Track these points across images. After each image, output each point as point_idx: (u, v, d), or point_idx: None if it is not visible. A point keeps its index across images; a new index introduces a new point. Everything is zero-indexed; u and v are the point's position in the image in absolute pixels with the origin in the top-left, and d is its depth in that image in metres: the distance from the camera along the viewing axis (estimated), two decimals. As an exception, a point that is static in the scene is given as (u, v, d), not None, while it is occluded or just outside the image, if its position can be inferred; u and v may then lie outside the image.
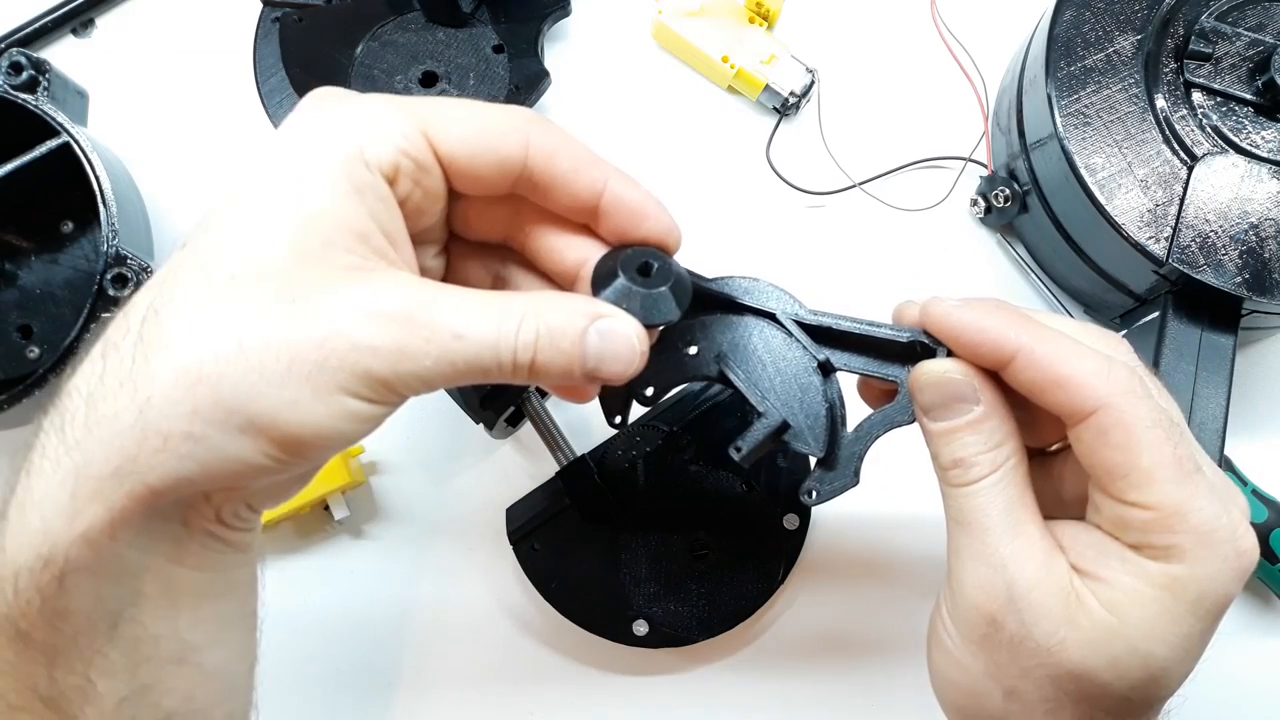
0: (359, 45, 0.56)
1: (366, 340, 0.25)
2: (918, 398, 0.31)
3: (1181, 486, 0.28)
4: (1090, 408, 0.28)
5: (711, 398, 0.47)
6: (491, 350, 0.26)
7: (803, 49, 0.57)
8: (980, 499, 0.30)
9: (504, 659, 0.50)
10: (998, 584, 0.29)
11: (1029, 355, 0.29)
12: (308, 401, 0.24)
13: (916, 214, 0.56)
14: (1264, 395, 0.54)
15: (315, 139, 0.26)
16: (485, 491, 0.51)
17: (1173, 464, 0.28)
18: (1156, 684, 0.28)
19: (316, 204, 0.25)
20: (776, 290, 0.33)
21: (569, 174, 0.29)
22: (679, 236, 0.31)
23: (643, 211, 0.30)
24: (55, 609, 0.26)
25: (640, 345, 0.28)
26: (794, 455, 0.48)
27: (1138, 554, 0.28)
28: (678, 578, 0.47)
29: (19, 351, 0.51)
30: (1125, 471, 0.28)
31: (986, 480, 0.30)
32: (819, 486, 0.33)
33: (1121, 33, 0.49)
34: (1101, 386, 0.28)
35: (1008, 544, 0.29)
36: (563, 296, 0.28)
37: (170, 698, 0.28)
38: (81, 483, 0.25)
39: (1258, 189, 0.46)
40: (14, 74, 0.48)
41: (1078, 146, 0.47)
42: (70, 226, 0.53)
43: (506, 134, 0.28)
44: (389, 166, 0.27)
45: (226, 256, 0.25)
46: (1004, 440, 0.30)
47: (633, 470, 0.47)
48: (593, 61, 0.59)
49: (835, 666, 0.50)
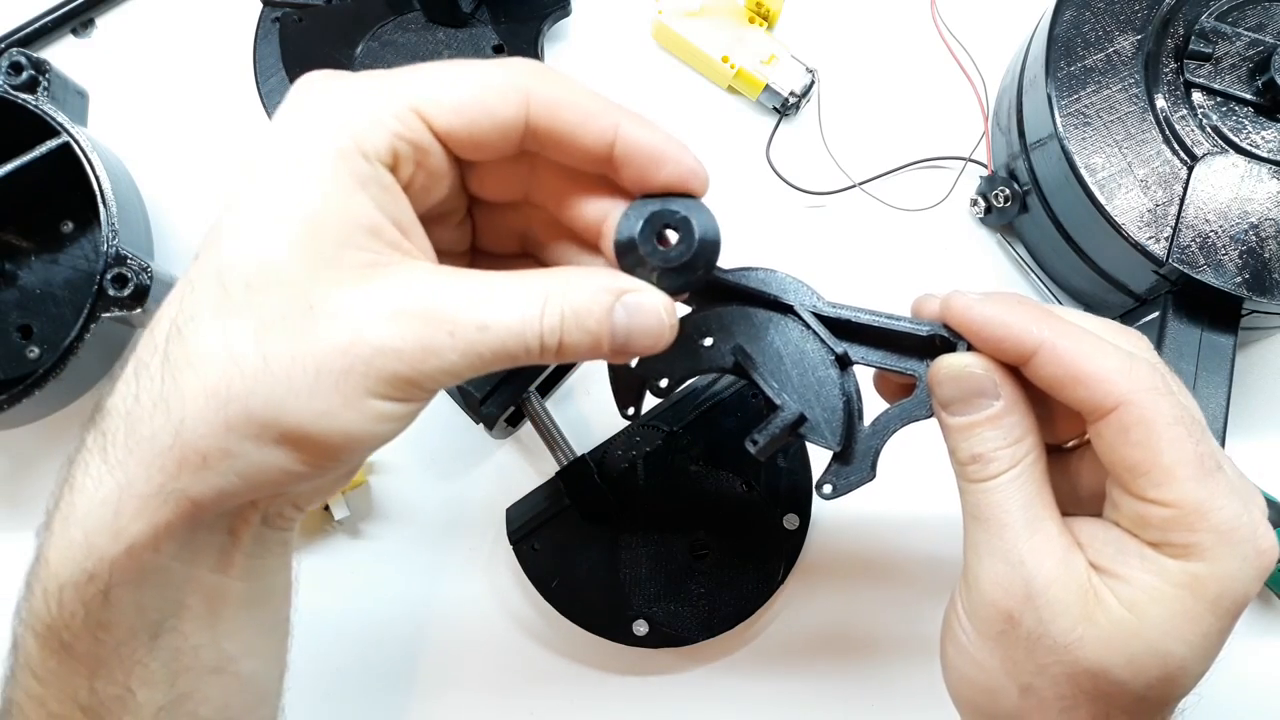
0: (359, 45, 0.56)
1: (389, 342, 0.24)
2: (937, 392, 0.31)
3: (1203, 484, 0.28)
4: (1112, 404, 0.28)
5: (712, 397, 0.47)
6: (518, 338, 0.25)
7: (803, 49, 0.57)
8: (998, 495, 0.30)
9: (504, 659, 0.50)
10: (1015, 580, 0.29)
11: (1051, 350, 0.29)
12: (338, 410, 0.24)
13: (916, 214, 0.56)
14: (1264, 395, 0.54)
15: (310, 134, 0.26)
16: (485, 491, 0.51)
17: (1194, 462, 0.28)
18: (1173, 682, 0.28)
19: (323, 204, 0.25)
20: (795, 281, 0.33)
21: (576, 126, 0.27)
22: (705, 177, 0.29)
23: (661, 157, 0.28)
24: (99, 621, 0.26)
25: (669, 318, 0.28)
26: (794, 456, 0.48)
27: (1157, 552, 0.28)
28: (678, 578, 0.47)
29: (19, 351, 0.51)
30: (1146, 468, 0.28)
31: (1005, 476, 0.30)
32: (835, 481, 0.33)
33: (1121, 33, 0.49)
34: (1124, 382, 0.28)
35: (1026, 540, 0.29)
36: (586, 273, 0.27)
37: (206, 707, 0.29)
38: (125, 500, 0.25)
39: (1258, 189, 0.46)
40: (14, 74, 0.48)
41: (1078, 146, 0.47)
42: (70, 226, 0.53)
43: (505, 94, 0.27)
44: (386, 154, 0.26)
45: (240, 266, 0.25)
46: (1024, 436, 0.30)
47: (633, 470, 0.47)
48: (593, 61, 0.59)
49: (835, 666, 0.50)
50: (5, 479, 0.52)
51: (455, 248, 0.32)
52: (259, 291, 0.24)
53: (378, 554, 0.51)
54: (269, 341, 0.24)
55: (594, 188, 0.29)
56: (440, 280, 0.26)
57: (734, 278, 0.33)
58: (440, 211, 0.30)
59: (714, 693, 0.50)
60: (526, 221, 0.32)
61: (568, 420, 0.49)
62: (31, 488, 0.52)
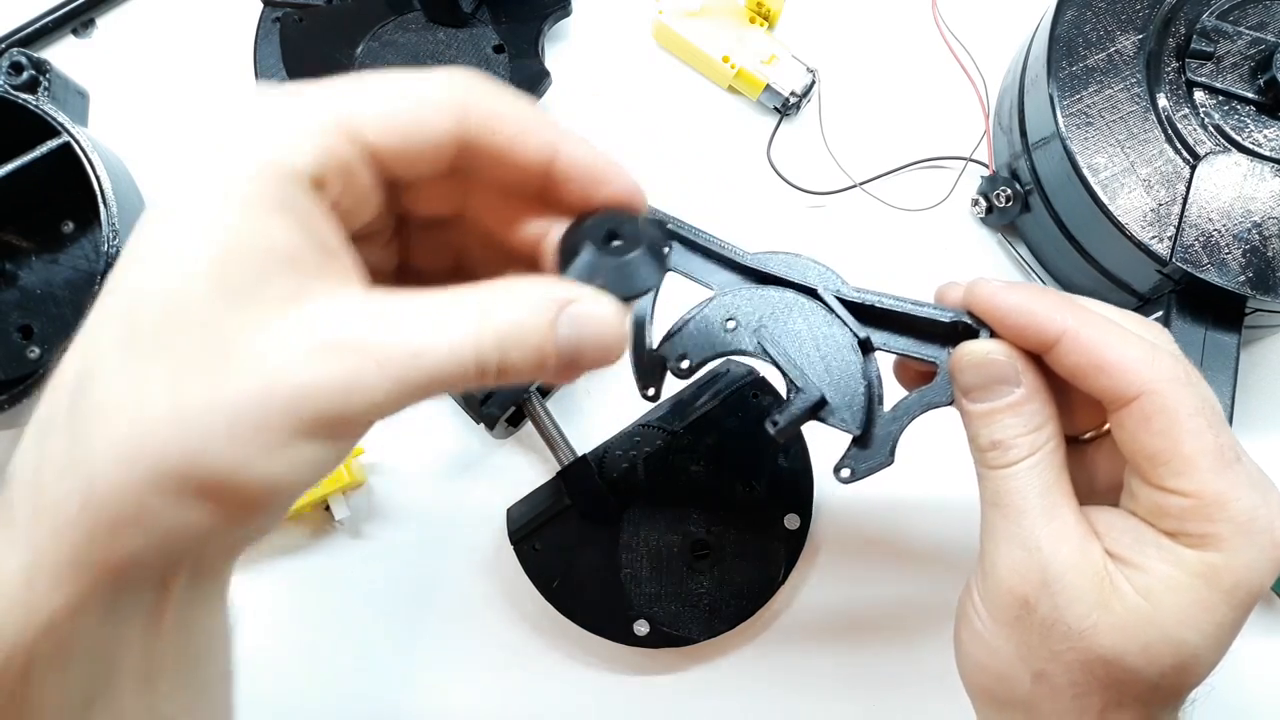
0: (359, 45, 0.56)
1: (311, 381, 0.22)
2: (958, 378, 0.31)
3: (1222, 475, 0.28)
4: (1134, 392, 0.28)
5: (713, 397, 0.47)
6: (454, 362, 0.23)
7: (803, 49, 0.57)
8: (1017, 481, 0.30)
9: (504, 659, 0.50)
10: (1031, 566, 0.29)
11: (1074, 338, 0.29)
12: (258, 460, 0.22)
13: (917, 214, 0.56)
14: (1268, 393, 0.54)
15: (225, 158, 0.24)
16: (485, 491, 0.51)
17: (1214, 452, 0.28)
18: (1186, 671, 0.28)
19: (238, 232, 0.23)
20: (818, 266, 0.33)
21: (512, 143, 0.26)
22: (643, 198, 0.28)
23: (600, 176, 0.27)
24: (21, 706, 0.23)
25: (620, 325, 0.25)
26: (795, 456, 0.48)
27: (1174, 541, 0.28)
28: (678, 578, 0.46)
29: (19, 351, 0.51)
30: (1167, 458, 0.28)
31: (1025, 463, 0.30)
32: (854, 465, 0.33)
33: (1123, 32, 0.49)
34: (1146, 372, 0.28)
35: (1043, 526, 0.29)
36: (525, 284, 0.25)
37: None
38: (38, 574, 0.22)
39: (1260, 187, 0.46)
40: (14, 74, 0.48)
41: (1080, 146, 0.47)
42: (71, 226, 0.53)
43: (438, 108, 0.25)
44: (311, 173, 0.24)
45: (149, 305, 0.22)
46: (1044, 423, 0.30)
47: (633, 470, 0.47)
48: (593, 61, 0.59)
49: (836, 666, 0.50)
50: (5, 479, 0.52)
51: (383, 267, 0.30)
52: (169, 334, 0.22)
53: (378, 554, 0.51)
54: (182, 389, 0.22)
55: (532, 205, 0.28)
56: (367, 307, 0.23)
57: (758, 263, 0.33)
58: (366, 235, 0.28)
59: (714, 693, 0.49)
60: (461, 239, 0.30)
61: (568, 420, 0.49)
62: (31, 488, 0.52)
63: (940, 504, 0.51)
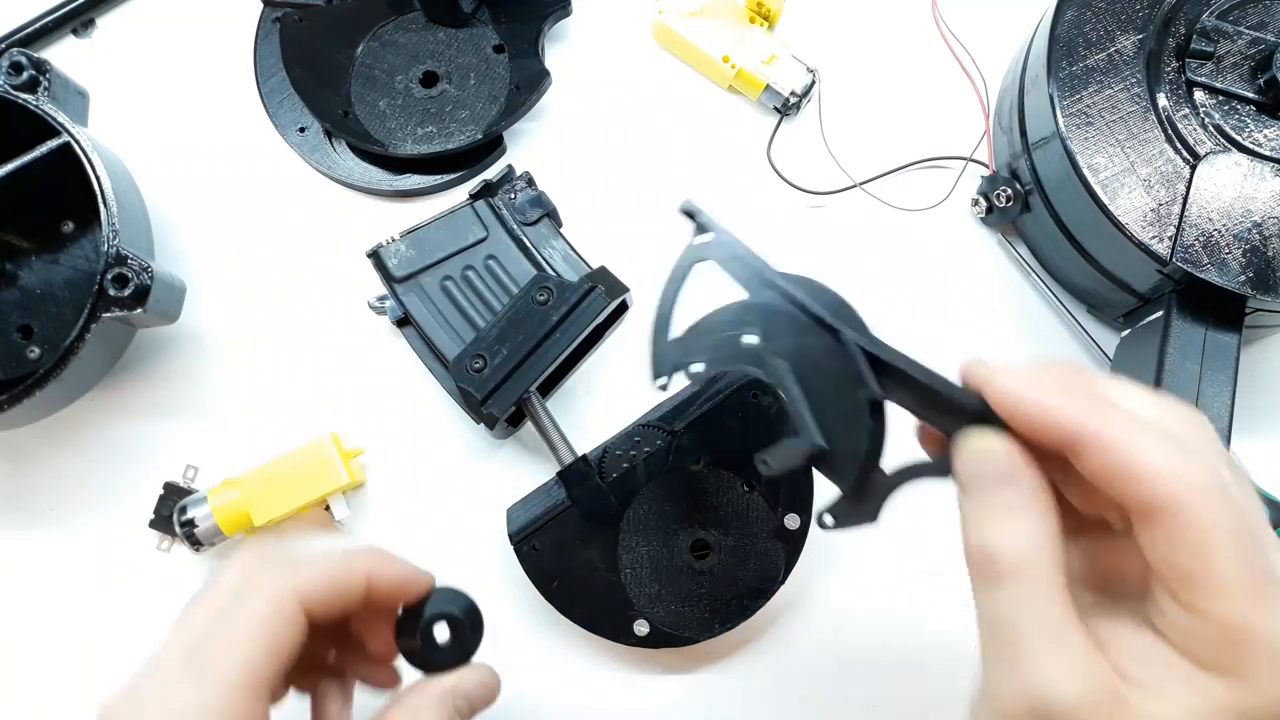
0: (359, 45, 0.56)
1: None
2: (955, 467, 0.29)
3: (1258, 601, 0.25)
4: (1161, 505, 0.26)
5: (713, 397, 0.47)
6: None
7: (803, 49, 0.57)
8: (1009, 605, 0.27)
9: (504, 659, 0.50)
10: (1035, 701, 0.26)
11: (1095, 440, 0.27)
12: None
13: (917, 214, 0.56)
14: (1268, 393, 0.54)
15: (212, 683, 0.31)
16: (485, 491, 0.51)
17: (1249, 574, 0.25)
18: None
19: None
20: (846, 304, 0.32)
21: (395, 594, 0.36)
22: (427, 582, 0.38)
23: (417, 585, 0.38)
24: None
25: (489, 678, 0.38)
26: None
27: (1200, 668, 0.26)
28: (678, 578, 0.46)
29: (19, 351, 0.51)
30: (1197, 578, 0.26)
31: (1016, 581, 0.27)
32: (838, 517, 0.32)
33: (1123, 32, 0.49)
34: (1176, 483, 0.26)
35: (1042, 656, 0.26)
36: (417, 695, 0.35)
37: None
38: None
39: (1261, 187, 0.46)
40: (14, 74, 0.48)
41: (1080, 146, 0.47)
42: (70, 226, 0.53)
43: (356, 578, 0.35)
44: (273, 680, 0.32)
45: None
46: (1039, 532, 0.27)
47: (633, 470, 0.47)
48: (593, 61, 0.59)
49: (836, 666, 0.50)
50: (5, 479, 0.52)
51: None
52: None
53: (378, 554, 0.51)
54: None
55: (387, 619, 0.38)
56: None
57: (788, 284, 0.32)
58: None
59: (715, 692, 0.49)
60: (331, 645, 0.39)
61: (568, 420, 0.49)
62: (31, 488, 0.52)
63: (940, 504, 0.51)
